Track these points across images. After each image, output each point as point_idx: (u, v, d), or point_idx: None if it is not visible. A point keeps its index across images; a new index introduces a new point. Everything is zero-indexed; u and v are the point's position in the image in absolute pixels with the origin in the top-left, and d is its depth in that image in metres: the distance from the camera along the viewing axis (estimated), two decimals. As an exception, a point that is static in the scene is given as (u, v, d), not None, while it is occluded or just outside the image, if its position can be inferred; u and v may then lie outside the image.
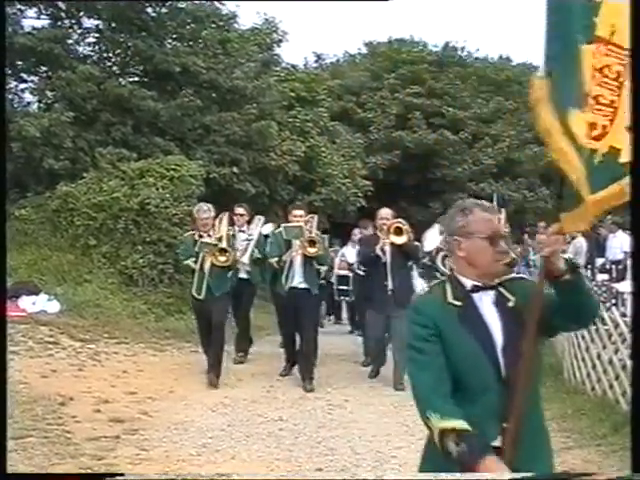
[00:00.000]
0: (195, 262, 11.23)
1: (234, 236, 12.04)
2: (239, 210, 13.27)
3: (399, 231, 11.13)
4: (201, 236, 11.29)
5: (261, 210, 16.86)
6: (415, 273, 12.95)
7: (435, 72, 37.08)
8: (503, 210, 11.88)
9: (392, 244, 11.11)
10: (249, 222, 13.42)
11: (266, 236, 12.68)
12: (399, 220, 11.38)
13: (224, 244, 11.16)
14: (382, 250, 11.19)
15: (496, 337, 3.29)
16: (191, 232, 11.78)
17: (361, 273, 13.10)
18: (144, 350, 13.57)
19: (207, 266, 11.13)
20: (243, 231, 12.99)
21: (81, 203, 18.02)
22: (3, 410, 3.20)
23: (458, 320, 3.31)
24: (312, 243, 11.05)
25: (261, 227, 13.18)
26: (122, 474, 6.45)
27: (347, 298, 17.78)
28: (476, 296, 3.39)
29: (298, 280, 11.22)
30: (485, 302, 3.39)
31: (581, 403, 9.46)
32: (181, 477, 5.60)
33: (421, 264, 13.21)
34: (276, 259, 11.28)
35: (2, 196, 3.58)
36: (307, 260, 11.16)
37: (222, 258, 11.06)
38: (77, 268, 17.39)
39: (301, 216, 11.39)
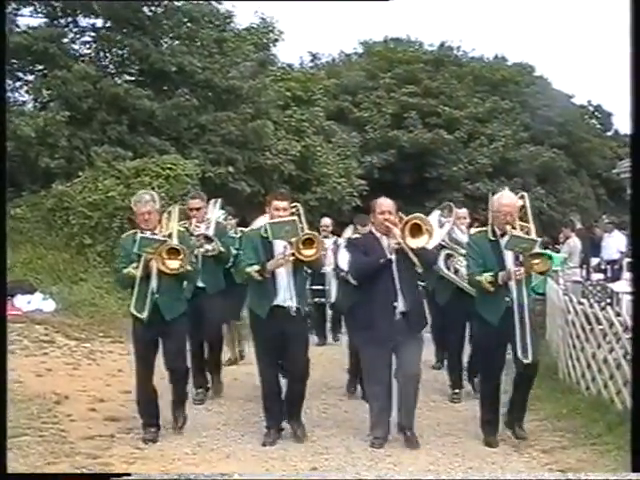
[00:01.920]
0: (136, 269, 7.97)
1: (190, 233, 9.38)
2: (194, 203, 10.10)
3: (418, 230, 7.89)
4: (143, 232, 8.08)
5: (257, 209, 16.81)
6: None
7: (431, 72, 37.09)
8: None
9: (400, 249, 7.91)
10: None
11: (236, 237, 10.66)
12: (418, 215, 8.10)
13: (175, 242, 8.04)
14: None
15: None
16: (130, 232, 8.45)
17: (352, 285, 8.52)
18: (139, 349, 13.54)
19: (153, 275, 8.02)
20: (198, 227, 10.02)
21: (76, 202, 18.03)
22: (3, 411, 3.20)
23: None
24: (309, 243, 7.93)
25: (219, 210, 10.72)
26: (129, 474, 6.48)
27: (323, 300, 13.63)
28: None
29: (284, 296, 8.10)
30: None
31: (576, 402, 9.46)
32: (183, 477, 5.62)
33: None
34: (256, 267, 7.91)
35: (2, 197, 3.59)
36: (298, 268, 8.14)
37: (173, 263, 7.91)
38: (72, 267, 17.40)
39: (285, 209, 8.15)
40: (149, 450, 7.71)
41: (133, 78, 22.33)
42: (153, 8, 21.52)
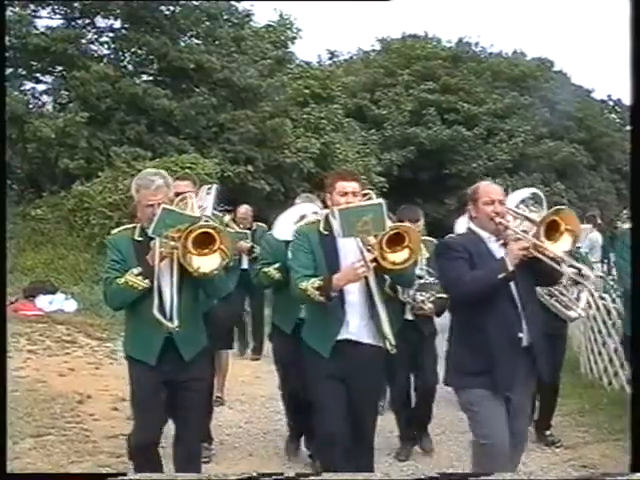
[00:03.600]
0: (139, 276, 5.48)
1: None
2: (182, 185, 6.77)
3: (556, 229, 5.34)
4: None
5: (277, 208, 16.82)
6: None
7: (449, 68, 36.98)
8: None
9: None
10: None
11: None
12: (561, 209, 5.50)
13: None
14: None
15: None
16: (124, 227, 6.01)
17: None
18: (160, 348, 13.57)
19: (168, 283, 5.53)
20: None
21: (97, 202, 18.10)
22: (3, 410, 3.22)
23: None
24: (398, 242, 5.37)
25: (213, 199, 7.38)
26: (124, 474, 6.46)
27: None
28: None
29: (357, 324, 5.61)
30: None
31: (598, 398, 9.43)
32: (180, 477, 5.60)
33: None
34: (317, 283, 5.43)
35: (2, 197, 3.69)
36: (380, 281, 5.64)
37: (211, 261, 5.36)
38: (94, 267, 17.44)
39: (356, 193, 5.69)
40: (171, 448, 7.72)
41: (151, 78, 22.42)
42: (171, 7, 21.58)
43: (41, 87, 21.93)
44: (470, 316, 5.36)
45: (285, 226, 6.88)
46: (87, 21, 21.75)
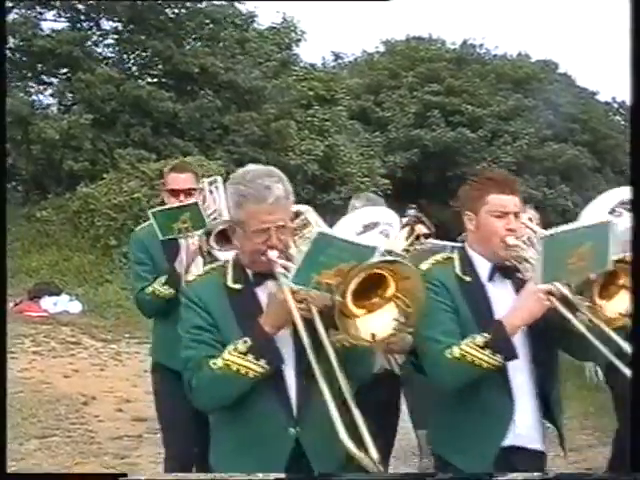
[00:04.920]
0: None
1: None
2: (180, 179, 5.43)
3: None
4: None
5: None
6: None
7: (453, 70, 36.93)
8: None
9: None
10: None
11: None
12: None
13: None
14: None
15: None
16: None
17: None
18: (165, 350, 13.60)
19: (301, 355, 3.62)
20: None
21: (101, 204, 18.13)
22: (3, 410, 3.24)
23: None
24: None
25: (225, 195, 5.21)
26: (125, 474, 6.46)
27: None
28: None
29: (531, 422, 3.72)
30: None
31: (603, 400, 9.41)
32: (180, 477, 5.62)
33: None
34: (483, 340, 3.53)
35: (2, 197, 3.62)
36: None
37: (384, 317, 3.09)
38: (98, 268, 17.50)
39: (516, 215, 3.80)
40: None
41: (156, 80, 22.45)
42: (175, 10, 21.61)
43: (46, 89, 21.98)
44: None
45: None
46: (92, 24, 21.80)
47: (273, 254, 3.23)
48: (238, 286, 3.37)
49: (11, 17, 19.39)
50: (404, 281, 3.02)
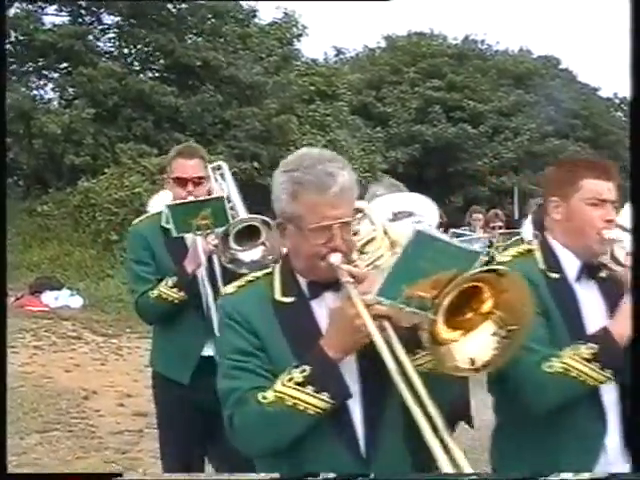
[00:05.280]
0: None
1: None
2: (189, 165, 4.72)
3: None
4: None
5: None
6: None
7: (455, 65, 36.94)
8: None
9: None
10: None
11: None
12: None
13: None
14: None
15: None
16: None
17: None
18: (166, 345, 13.62)
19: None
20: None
21: (102, 199, 18.13)
22: (3, 409, 3.23)
23: None
24: None
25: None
26: (120, 474, 6.45)
27: None
28: None
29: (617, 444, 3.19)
30: None
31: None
32: (181, 477, 5.61)
33: None
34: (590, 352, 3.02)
35: (3, 191, 3.59)
36: None
37: (482, 336, 2.53)
38: (99, 263, 17.51)
39: (613, 203, 3.28)
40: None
41: (158, 74, 22.44)
42: (177, 4, 21.61)
43: (47, 83, 21.99)
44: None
45: None
46: (93, 18, 21.80)
47: (336, 258, 2.61)
48: (289, 299, 2.73)
49: (12, 11, 19.40)
50: (504, 294, 2.46)
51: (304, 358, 2.55)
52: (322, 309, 2.68)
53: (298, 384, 2.51)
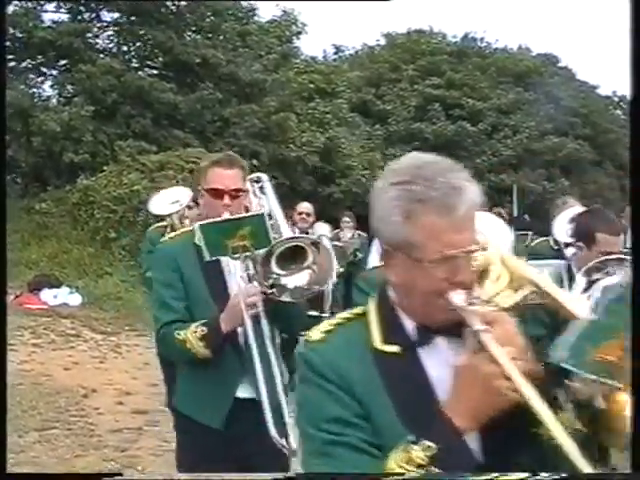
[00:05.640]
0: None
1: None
2: (228, 176, 4.03)
3: None
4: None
5: (282, 201, 16.76)
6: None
7: (454, 63, 36.90)
8: None
9: None
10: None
11: None
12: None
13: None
14: None
15: None
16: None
17: None
18: (165, 342, 13.60)
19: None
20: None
21: (101, 196, 18.12)
22: (3, 409, 3.20)
23: None
24: None
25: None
26: (120, 474, 6.45)
27: None
28: None
29: None
30: None
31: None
32: (181, 477, 5.60)
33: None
34: None
35: (2, 189, 3.59)
36: None
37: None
38: (98, 261, 17.49)
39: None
40: (171, 452, 7.75)
41: (157, 72, 22.42)
42: (176, 2, 21.59)
43: (46, 81, 21.98)
44: None
45: None
46: (92, 15, 21.77)
47: (459, 298, 1.98)
48: (393, 348, 2.06)
49: (11, 8, 19.38)
50: None
51: (420, 429, 1.93)
52: (432, 360, 2.05)
53: (422, 463, 1.90)
